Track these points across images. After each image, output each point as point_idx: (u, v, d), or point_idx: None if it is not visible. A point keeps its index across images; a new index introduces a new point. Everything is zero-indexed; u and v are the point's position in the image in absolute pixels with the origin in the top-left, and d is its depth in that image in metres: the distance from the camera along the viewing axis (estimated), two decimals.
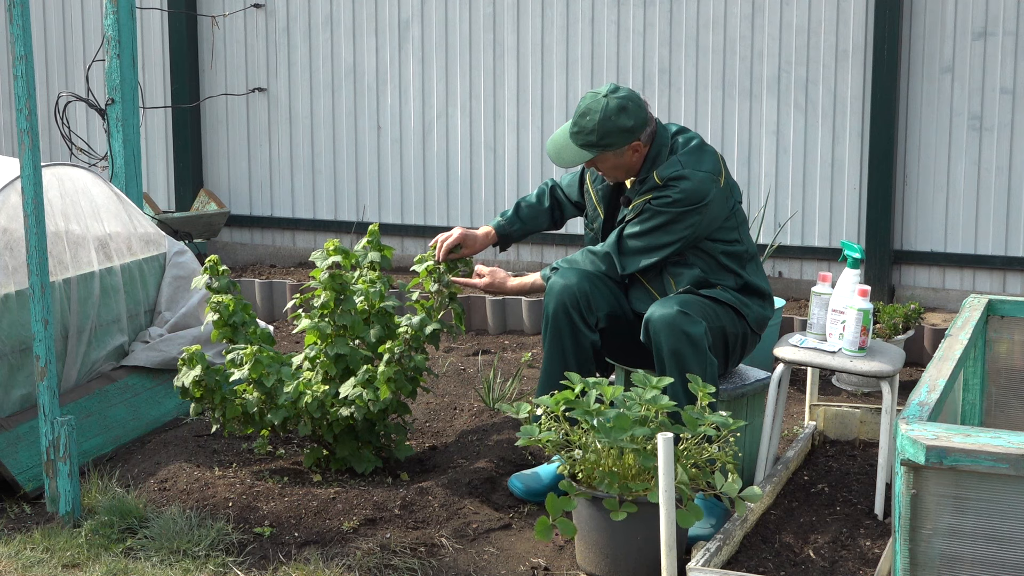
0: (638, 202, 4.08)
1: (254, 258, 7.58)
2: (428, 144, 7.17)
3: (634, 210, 4.09)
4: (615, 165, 4.11)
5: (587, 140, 4.03)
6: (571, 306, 4.07)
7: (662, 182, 4.05)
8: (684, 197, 4.02)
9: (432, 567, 3.70)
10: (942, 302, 6.36)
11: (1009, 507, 2.66)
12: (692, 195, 4.02)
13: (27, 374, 4.42)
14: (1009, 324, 4.04)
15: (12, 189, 4.45)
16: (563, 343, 4.08)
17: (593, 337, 4.10)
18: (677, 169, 4.05)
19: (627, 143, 4.04)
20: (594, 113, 4.02)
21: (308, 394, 4.18)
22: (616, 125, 4.00)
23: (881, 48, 6.22)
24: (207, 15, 7.45)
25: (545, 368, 4.12)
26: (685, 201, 4.02)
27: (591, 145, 4.03)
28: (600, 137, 4.01)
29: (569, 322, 4.07)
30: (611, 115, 4.00)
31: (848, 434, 4.72)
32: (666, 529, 3.30)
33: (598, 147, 4.03)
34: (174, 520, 3.87)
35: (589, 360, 4.10)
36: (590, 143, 4.03)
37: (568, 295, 4.07)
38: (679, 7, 6.60)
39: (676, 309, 3.89)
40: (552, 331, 4.10)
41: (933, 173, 6.30)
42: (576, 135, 4.05)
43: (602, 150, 4.03)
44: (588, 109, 4.03)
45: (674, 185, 4.03)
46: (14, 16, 3.90)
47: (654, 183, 4.06)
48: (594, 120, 4.01)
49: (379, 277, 4.36)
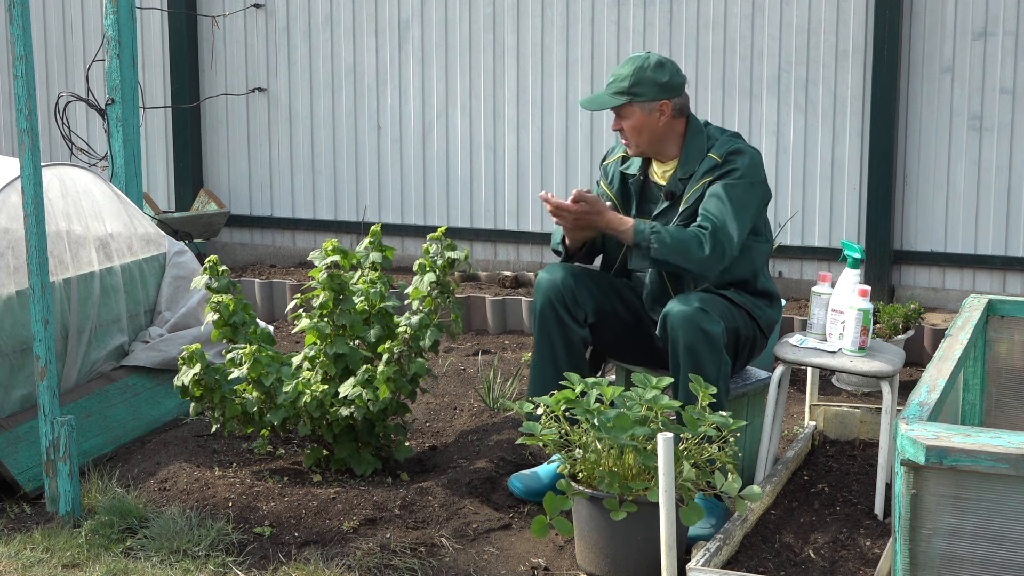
0: (698, 186, 4.05)
1: (254, 258, 7.58)
2: (428, 144, 7.17)
3: (695, 194, 4.04)
4: (641, 124, 4.08)
5: (619, 87, 4.08)
6: (557, 301, 4.06)
7: (722, 158, 4.05)
8: (749, 169, 4.03)
9: (432, 567, 3.70)
10: (942, 302, 6.36)
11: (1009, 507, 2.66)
12: (753, 168, 4.05)
13: (27, 374, 4.42)
14: (1009, 324, 4.04)
15: (13, 189, 4.45)
16: (551, 339, 4.07)
17: (582, 332, 4.09)
18: (732, 144, 4.07)
19: (657, 99, 4.05)
20: (632, 63, 4.09)
21: (307, 394, 4.18)
22: (651, 76, 4.05)
23: (881, 48, 6.22)
24: (207, 15, 7.45)
25: (535, 364, 4.12)
26: (751, 173, 4.04)
27: (622, 92, 4.07)
28: (632, 84, 4.05)
29: (556, 317, 4.06)
30: (648, 67, 4.07)
31: (848, 434, 4.72)
32: (666, 529, 3.30)
33: (628, 94, 4.05)
34: (174, 520, 3.87)
35: (580, 355, 4.09)
36: (622, 89, 4.07)
37: (554, 291, 4.06)
38: (679, 7, 6.60)
39: (696, 306, 3.87)
40: (540, 327, 4.09)
41: (933, 173, 6.30)
42: (611, 84, 4.11)
43: (632, 98, 4.05)
44: (627, 61, 4.12)
45: (734, 160, 4.04)
46: (14, 16, 3.90)
47: (714, 162, 4.05)
48: (631, 68, 4.08)
49: (379, 277, 4.36)
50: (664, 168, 4.18)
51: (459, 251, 4.31)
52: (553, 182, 6.93)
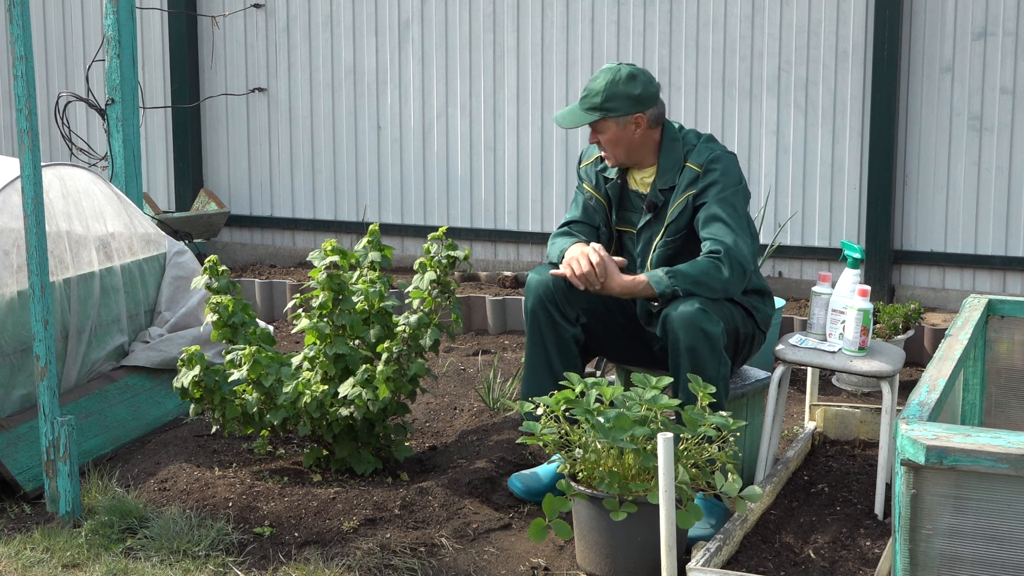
0: (681, 199, 4.04)
1: (254, 258, 7.58)
2: (428, 144, 7.17)
3: (679, 208, 4.04)
4: (616, 137, 4.07)
5: (592, 103, 4.04)
6: (547, 300, 4.05)
7: (701, 168, 4.03)
8: (730, 177, 4.02)
9: (432, 567, 3.70)
10: (942, 302, 6.36)
11: (1009, 507, 2.66)
12: (734, 175, 4.04)
13: (28, 374, 4.42)
14: (1009, 324, 4.04)
15: (13, 188, 4.45)
16: (543, 338, 4.06)
17: (574, 331, 4.08)
18: (709, 151, 4.05)
19: (631, 112, 4.03)
20: (604, 76, 4.05)
21: (307, 394, 4.18)
22: (623, 90, 4.01)
23: (881, 48, 6.22)
24: (207, 15, 7.45)
25: (528, 364, 4.11)
26: (733, 180, 4.03)
27: (595, 108, 4.03)
28: (605, 99, 4.02)
29: (548, 316, 4.05)
30: (620, 80, 4.02)
31: (848, 434, 4.72)
32: (666, 529, 3.30)
33: (602, 110, 4.02)
34: (174, 520, 3.87)
35: (573, 355, 4.08)
36: (595, 105, 4.04)
37: (544, 290, 4.05)
38: (679, 7, 6.60)
39: (697, 306, 3.85)
40: (532, 327, 4.08)
41: (933, 173, 6.30)
42: (584, 99, 4.07)
43: (605, 114, 4.02)
44: (600, 74, 4.07)
45: (714, 169, 4.03)
46: (14, 16, 3.90)
47: (694, 173, 4.04)
48: (602, 83, 4.03)
49: (379, 277, 4.36)
50: (642, 175, 4.18)
51: (460, 251, 4.31)
52: (553, 182, 6.94)
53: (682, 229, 4.05)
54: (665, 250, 4.08)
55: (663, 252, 4.08)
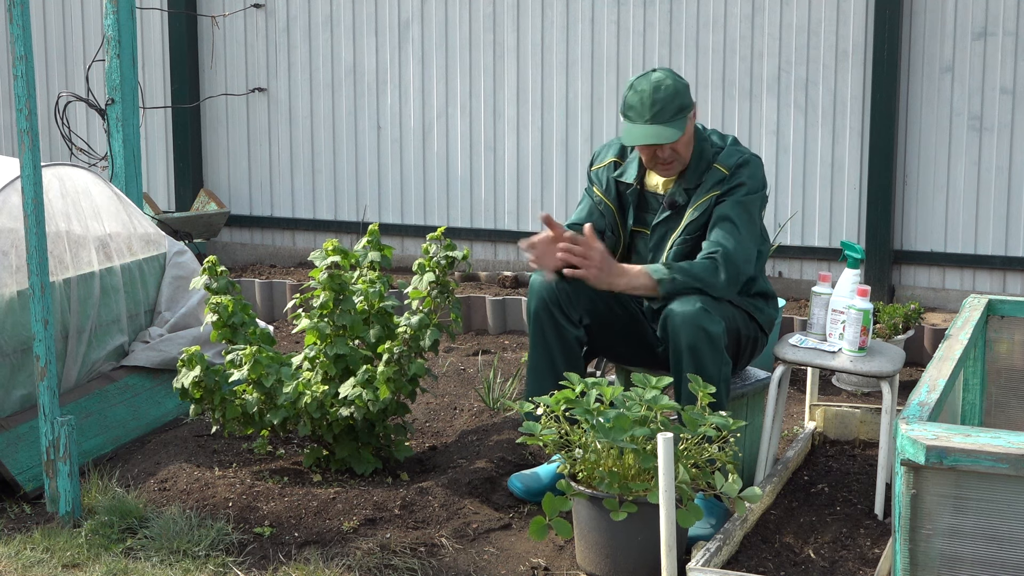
0: (706, 198, 4.02)
1: (254, 258, 7.58)
2: (428, 144, 7.17)
3: (701, 207, 4.02)
4: (689, 138, 4.01)
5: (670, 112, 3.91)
6: (551, 302, 4.04)
7: (729, 171, 4.01)
8: (755, 182, 4.01)
9: (432, 567, 3.70)
10: (942, 302, 6.36)
11: (1009, 507, 2.66)
12: (759, 180, 4.03)
13: (28, 374, 4.42)
14: (1009, 324, 4.04)
15: (13, 188, 4.45)
16: (547, 340, 4.05)
17: (577, 332, 4.07)
18: (737, 154, 4.03)
19: (691, 110, 4.00)
20: (655, 85, 3.94)
21: (308, 394, 4.18)
22: (683, 85, 3.97)
23: (881, 48, 6.22)
24: (207, 15, 7.45)
25: (531, 366, 4.10)
26: (758, 186, 4.02)
27: (682, 108, 3.94)
28: (678, 106, 3.92)
29: (551, 318, 4.04)
30: (666, 84, 3.93)
31: (848, 434, 4.72)
32: (666, 529, 3.30)
33: (686, 109, 3.95)
34: (174, 520, 3.87)
35: (576, 356, 4.08)
36: (680, 106, 3.93)
37: (547, 292, 4.04)
38: (679, 7, 6.60)
39: (699, 306, 3.85)
40: (535, 328, 4.07)
41: (933, 173, 6.30)
42: (661, 112, 3.91)
43: (687, 112, 3.96)
44: (656, 85, 3.93)
45: (741, 173, 4.01)
46: (14, 16, 3.90)
47: (721, 174, 4.01)
48: (663, 92, 3.92)
49: (379, 277, 4.36)
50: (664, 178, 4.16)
51: (459, 251, 4.30)
52: (553, 182, 6.94)
53: (700, 228, 4.04)
54: (683, 247, 4.06)
55: (680, 250, 4.06)
